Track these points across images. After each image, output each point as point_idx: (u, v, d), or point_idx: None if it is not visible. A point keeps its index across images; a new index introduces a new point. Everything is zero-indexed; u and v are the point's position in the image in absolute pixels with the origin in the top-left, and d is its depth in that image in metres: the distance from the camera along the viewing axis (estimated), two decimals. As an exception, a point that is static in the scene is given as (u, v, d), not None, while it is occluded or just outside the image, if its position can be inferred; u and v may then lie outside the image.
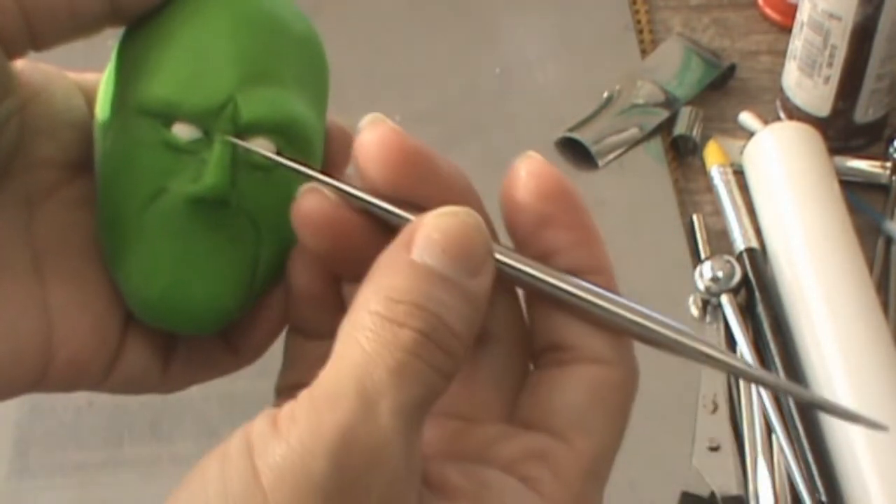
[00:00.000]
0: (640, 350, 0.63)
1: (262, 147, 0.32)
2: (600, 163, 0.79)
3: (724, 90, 0.83)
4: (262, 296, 0.34)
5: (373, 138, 0.31)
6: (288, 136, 0.32)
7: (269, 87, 0.32)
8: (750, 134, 0.78)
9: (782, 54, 0.80)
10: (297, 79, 0.33)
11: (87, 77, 0.36)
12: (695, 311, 0.71)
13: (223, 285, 0.33)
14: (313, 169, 0.32)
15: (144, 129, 0.32)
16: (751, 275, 0.71)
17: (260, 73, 0.32)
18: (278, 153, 0.32)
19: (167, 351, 0.35)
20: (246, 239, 0.33)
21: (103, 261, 0.34)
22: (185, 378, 0.36)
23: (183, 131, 0.32)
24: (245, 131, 0.32)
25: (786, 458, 0.64)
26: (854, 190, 0.76)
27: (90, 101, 0.36)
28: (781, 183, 0.73)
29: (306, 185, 0.32)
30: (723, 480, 0.63)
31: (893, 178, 0.77)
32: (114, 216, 0.33)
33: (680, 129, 0.79)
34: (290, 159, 0.32)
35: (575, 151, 0.79)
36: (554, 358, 0.33)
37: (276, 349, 0.37)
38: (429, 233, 0.30)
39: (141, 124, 0.32)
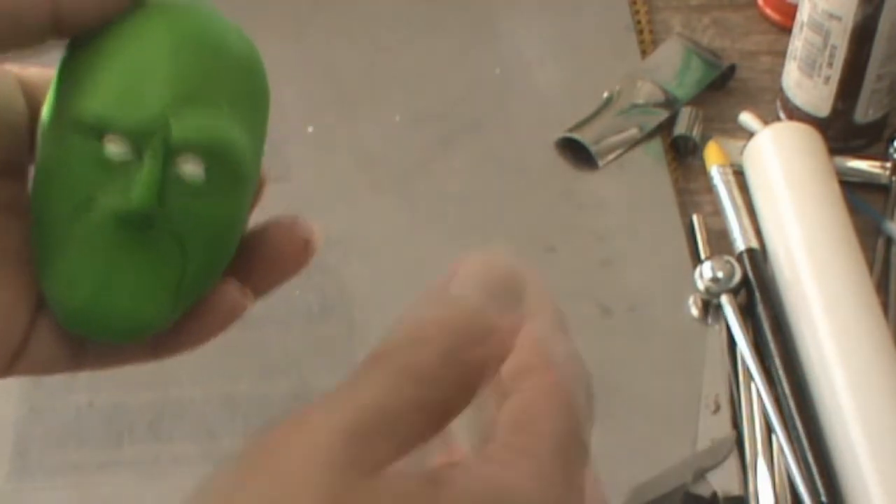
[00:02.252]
0: (641, 350, 0.63)
1: (191, 168, 0.32)
2: (600, 163, 0.79)
3: (724, 90, 0.83)
4: (185, 310, 0.35)
5: None
6: (219, 158, 0.33)
7: (203, 109, 0.33)
8: (750, 134, 0.78)
9: (782, 54, 0.80)
10: (233, 102, 0.34)
11: (32, 72, 0.36)
12: (695, 312, 0.71)
13: (146, 300, 0.33)
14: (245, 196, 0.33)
15: (77, 142, 0.32)
16: (751, 275, 0.71)
17: (195, 94, 0.33)
18: (208, 174, 0.33)
19: (78, 341, 0.36)
20: (172, 257, 0.33)
21: (33, 266, 0.34)
22: (96, 364, 0.37)
23: (114, 146, 0.32)
24: (175, 151, 0.32)
25: (786, 458, 0.64)
26: (854, 190, 0.76)
27: (32, 97, 0.36)
28: (781, 183, 0.73)
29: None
30: (725, 481, 0.63)
31: (893, 178, 0.77)
32: (42, 225, 0.33)
33: (680, 129, 0.79)
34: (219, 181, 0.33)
35: (575, 151, 0.79)
36: None
37: (275, 350, 0.37)
38: None
39: (75, 137, 0.32)
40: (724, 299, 0.70)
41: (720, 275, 0.70)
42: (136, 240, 0.33)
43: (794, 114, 0.79)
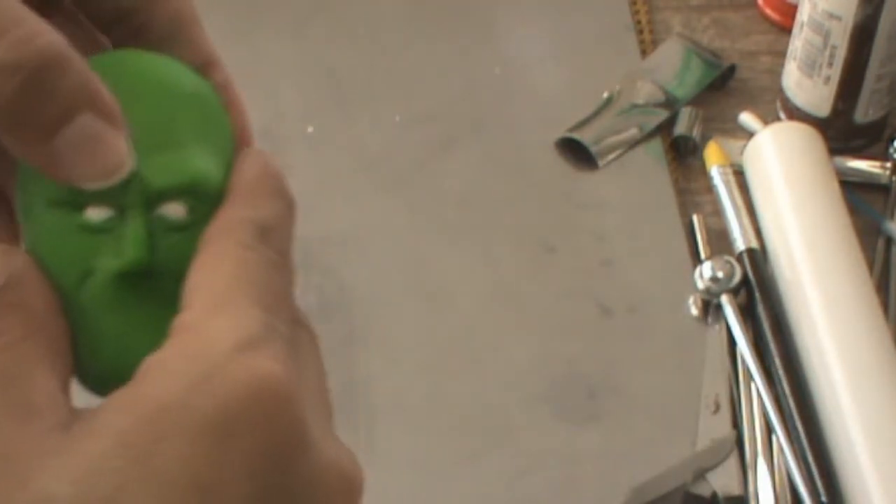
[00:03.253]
0: (641, 350, 0.64)
1: (173, 210, 0.33)
2: (600, 163, 0.79)
3: (724, 90, 0.83)
4: None
5: None
6: (198, 195, 0.33)
7: (171, 152, 0.33)
8: (750, 134, 0.78)
9: (782, 54, 0.80)
10: (196, 134, 0.34)
11: None
12: (695, 312, 0.71)
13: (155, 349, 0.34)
14: None
15: (58, 219, 0.33)
16: (751, 275, 0.71)
17: (159, 139, 0.33)
18: (191, 210, 0.33)
19: None
20: (177, 298, 0.33)
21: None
22: None
23: (95, 213, 0.33)
24: (155, 200, 0.33)
25: (786, 458, 0.64)
26: (854, 190, 0.76)
27: None
28: (781, 183, 0.73)
29: None
30: (725, 481, 0.63)
31: (893, 178, 0.77)
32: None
33: (680, 129, 0.79)
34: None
35: (575, 151, 0.79)
36: None
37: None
38: None
39: (54, 214, 0.33)
40: (724, 299, 0.70)
41: (720, 275, 0.70)
42: (141, 292, 0.33)
43: (794, 114, 0.79)
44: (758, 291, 0.70)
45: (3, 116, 0.30)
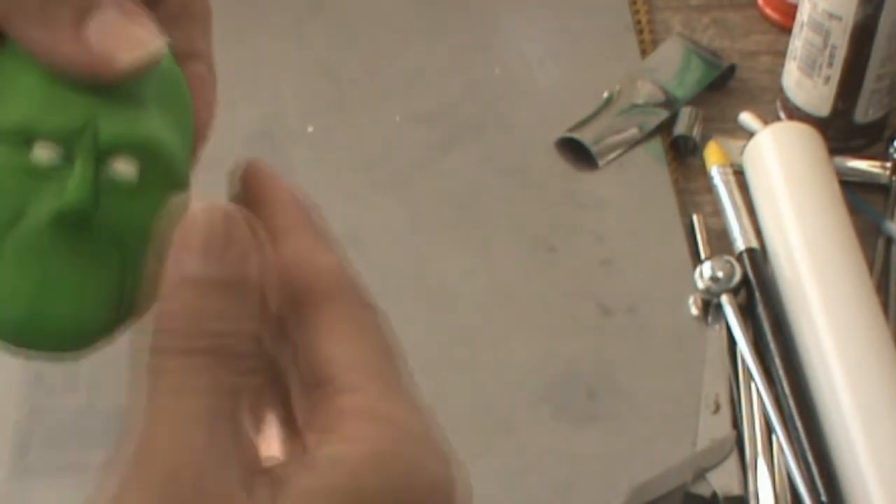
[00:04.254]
0: (641, 350, 0.64)
1: (123, 168, 0.32)
2: (600, 163, 0.79)
3: (724, 90, 0.83)
4: (133, 318, 0.34)
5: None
6: (150, 157, 0.32)
7: (131, 109, 0.32)
8: (750, 134, 0.78)
9: (782, 54, 0.80)
10: (159, 105, 0.33)
11: None
12: (695, 312, 0.71)
13: (88, 308, 0.33)
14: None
15: (5, 153, 0.32)
16: (751, 275, 0.71)
17: (122, 95, 0.32)
18: (141, 174, 0.32)
19: None
20: (111, 261, 0.33)
21: None
22: None
23: (43, 153, 0.32)
24: (106, 151, 0.32)
25: (786, 458, 0.64)
26: (854, 190, 0.76)
27: None
28: (781, 183, 0.74)
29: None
30: (725, 480, 0.63)
31: (893, 178, 0.77)
32: None
33: (680, 129, 0.79)
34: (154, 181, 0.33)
35: (575, 151, 0.79)
36: None
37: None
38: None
39: (1, 148, 0.32)
40: (724, 299, 0.70)
41: (720, 275, 0.70)
42: (74, 244, 0.32)
43: (794, 114, 0.79)
44: (758, 291, 0.70)
45: (33, 9, 0.31)
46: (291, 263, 0.33)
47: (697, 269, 0.71)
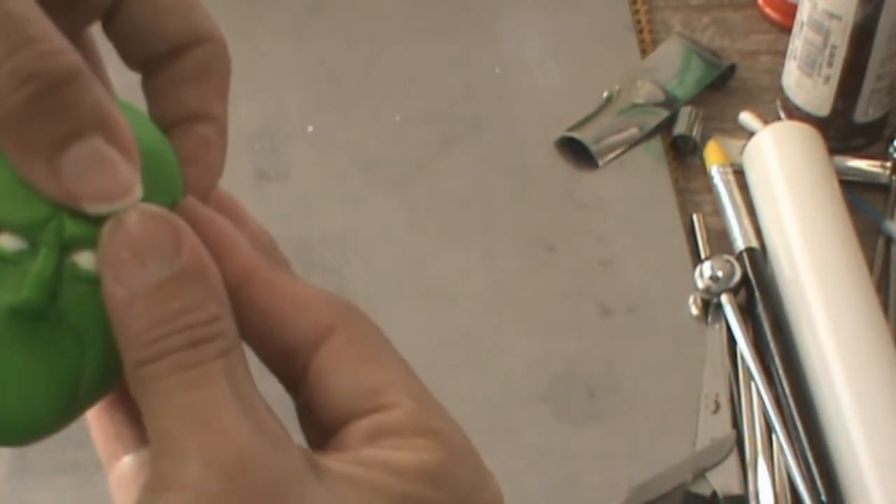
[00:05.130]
0: (641, 350, 0.63)
1: (87, 260, 0.32)
2: (600, 163, 0.79)
3: (724, 90, 0.83)
4: (87, 408, 0.34)
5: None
6: None
7: None
8: (750, 134, 0.78)
9: (782, 54, 0.80)
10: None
11: None
12: (695, 311, 0.71)
13: (40, 398, 0.32)
14: None
15: None
16: (751, 275, 0.71)
17: None
18: None
19: None
20: (68, 353, 0.32)
21: None
22: None
23: (8, 242, 0.31)
24: (71, 244, 0.31)
25: (786, 457, 0.64)
26: (854, 190, 0.76)
27: None
28: (781, 183, 0.73)
29: None
30: (725, 480, 0.63)
31: (893, 178, 0.77)
32: None
33: (680, 129, 0.79)
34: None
35: (575, 151, 0.79)
36: None
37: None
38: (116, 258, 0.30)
39: None
40: (724, 299, 0.70)
41: (720, 274, 0.70)
42: (31, 336, 0.32)
43: (794, 113, 0.79)
44: (758, 291, 0.70)
45: (11, 124, 0.29)
46: (273, 307, 0.32)
47: (697, 269, 0.71)
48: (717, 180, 0.76)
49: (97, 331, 0.32)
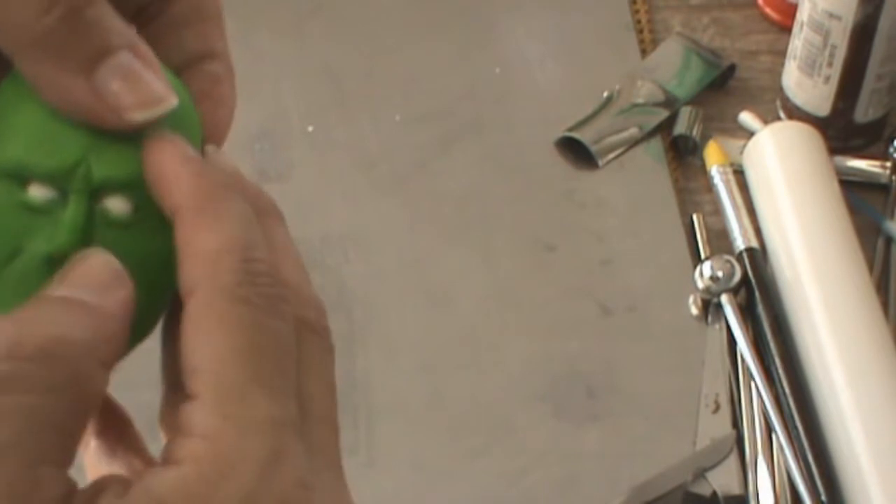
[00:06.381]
0: (641, 350, 0.63)
1: (117, 205, 0.32)
2: (600, 163, 0.79)
3: (724, 90, 0.83)
4: (125, 354, 0.34)
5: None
6: (143, 193, 0.32)
7: (123, 145, 0.32)
8: (750, 134, 0.78)
9: (782, 54, 0.80)
10: (157, 129, 0.33)
11: None
12: (695, 311, 0.71)
13: None
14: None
15: (2, 191, 0.32)
16: (751, 275, 0.71)
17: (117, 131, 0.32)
18: (136, 209, 0.32)
19: None
20: None
21: None
22: None
23: (38, 192, 0.32)
24: (99, 189, 0.32)
25: (786, 457, 0.64)
26: (854, 190, 0.76)
27: None
28: (781, 183, 0.73)
29: None
30: (725, 480, 0.63)
31: (893, 178, 0.77)
32: None
33: (680, 128, 0.79)
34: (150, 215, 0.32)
35: (575, 151, 0.79)
36: None
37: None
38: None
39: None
40: (724, 299, 0.70)
41: (720, 274, 0.70)
42: None
43: (794, 113, 0.79)
44: (758, 291, 0.70)
45: (48, 45, 0.30)
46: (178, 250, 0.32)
47: (697, 269, 0.71)
48: (717, 180, 0.76)
49: (134, 273, 0.32)
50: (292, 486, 0.29)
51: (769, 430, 0.65)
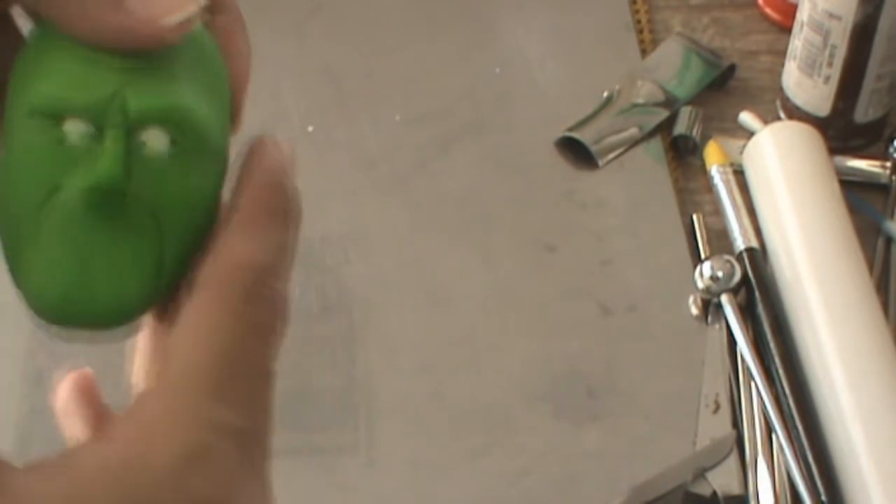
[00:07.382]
0: (641, 350, 0.63)
1: (154, 139, 0.32)
2: (600, 163, 0.79)
3: (724, 90, 0.83)
4: (170, 291, 0.34)
5: None
6: (181, 126, 0.32)
7: (158, 80, 0.32)
8: (750, 134, 0.78)
9: (782, 54, 0.80)
10: (187, 72, 0.33)
11: None
12: (695, 311, 0.71)
13: (127, 281, 0.33)
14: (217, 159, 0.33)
15: (36, 130, 0.32)
16: (751, 275, 0.71)
17: (150, 67, 0.32)
18: (173, 143, 0.32)
19: None
20: (147, 233, 0.32)
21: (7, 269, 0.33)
22: None
23: (74, 127, 0.32)
24: (136, 124, 0.32)
25: (786, 457, 0.64)
26: (854, 190, 0.76)
27: None
28: (781, 183, 0.74)
29: None
30: (725, 480, 0.63)
31: (893, 178, 0.77)
32: (10, 220, 0.33)
33: (680, 128, 0.79)
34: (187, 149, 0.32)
35: (575, 151, 0.79)
36: None
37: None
38: None
39: (32, 125, 0.32)
40: (724, 299, 0.70)
41: (720, 274, 0.70)
42: (109, 219, 0.32)
43: (794, 113, 0.79)
44: (758, 291, 0.70)
45: None
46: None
47: (697, 269, 0.71)
48: (717, 180, 0.76)
49: (173, 209, 0.32)
50: (213, 487, 0.29)
51: (769, 430, 0.65)
